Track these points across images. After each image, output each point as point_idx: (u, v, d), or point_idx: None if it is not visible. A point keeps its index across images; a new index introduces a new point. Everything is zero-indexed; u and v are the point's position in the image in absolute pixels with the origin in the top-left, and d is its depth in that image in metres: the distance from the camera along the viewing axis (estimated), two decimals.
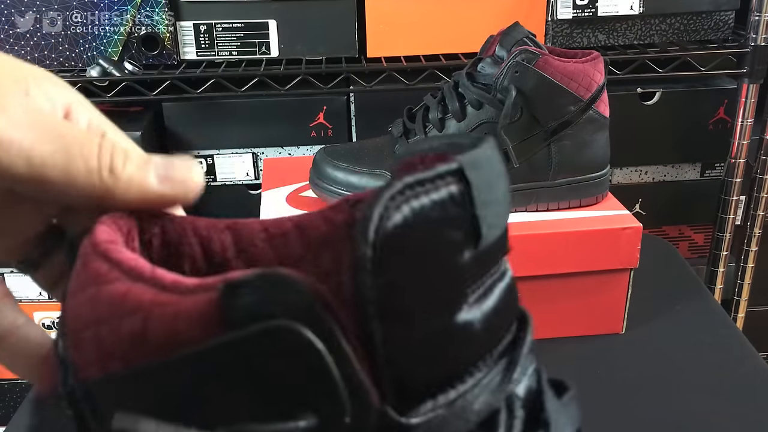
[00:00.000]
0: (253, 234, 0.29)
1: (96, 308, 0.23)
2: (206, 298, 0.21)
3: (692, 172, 1.15)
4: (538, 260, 0.71)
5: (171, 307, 0.22)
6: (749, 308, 1.17)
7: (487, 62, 0.73)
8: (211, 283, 0.22)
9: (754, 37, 1.01)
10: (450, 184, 0.22)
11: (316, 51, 1.03)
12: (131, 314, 0.22)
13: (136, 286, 0.23)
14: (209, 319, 0.21)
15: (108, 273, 0.23)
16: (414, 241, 0.21)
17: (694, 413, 0.64)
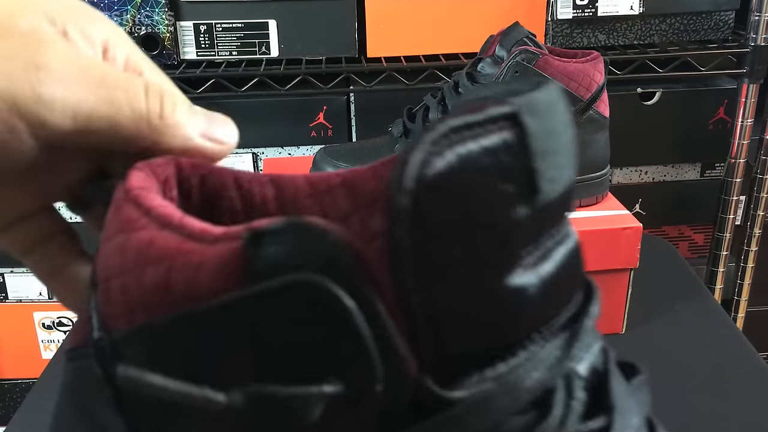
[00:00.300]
0: (296, 188, 0.27)
1: (124, 256, 0.22)
2: (229, 248, 0.20)
3: (692, 172, 1.15)
4: None
5: (195, 256, 0.20)
6: (749, 308, 1.17)
7: (487, 62, 0.73)
8: (237, 232, 0.20)
9: (754, 37, 1.01)
10: (503, 130, 0.19)
11: (316, 51, 1.03)
12: (156, 263, 0.21)
13: (162, 233, 0.21)
14: (231, 270, 0.20)
15: (137, 219, 0.22)
16: (458, 191, 0.19)
17: (694, 413, 0.64)
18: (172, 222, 0.22)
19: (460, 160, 0.18)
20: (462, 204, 0.19)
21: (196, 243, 0.21)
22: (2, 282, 1.08)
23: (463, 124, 0.19)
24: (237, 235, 0.20)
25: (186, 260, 0.21)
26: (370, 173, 0.25)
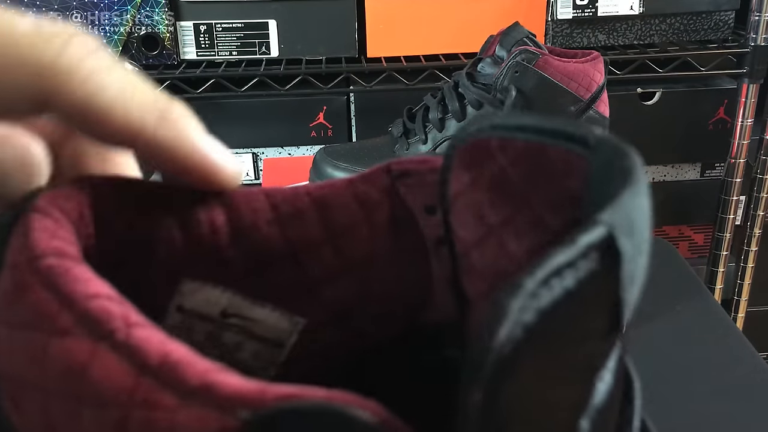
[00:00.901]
0: (255, 212, 0.22)
1: (43, 369, 0.15)
2: (218, 422, 0.14)
3: (692, 172, 1.15)
4: None
5: (161, 414, 0.14)
6: (749, 308, 1.17)
7: (487, 62, 0.73)
8: (227, 395, 0.14)
9: (754, 37, 1.01)
10: (590, 261, 0.14)
11: (316, 51, 1.03)
12: (99, 406, 0.15)
13: (104, 356, 0.15)
14: None
15: (57, 316, 0.15)
16: (537, 362, 0.14)
17: (694, 413, 0.64)
18: (114, 333, 0.15)
19: (543, 314, 0.14)
20: (544, 367, 0.15)
21: (160, 388, 0.15)
22: None
23: (558, 267, 0.14)
24: (226, 401, 0.14)
25: (149, 418, 0.14)
26: (349, 194, 0.22)
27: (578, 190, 0.17)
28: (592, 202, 0.16)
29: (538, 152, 0.18)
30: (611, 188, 0.15)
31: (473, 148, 0.20)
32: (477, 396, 0.13)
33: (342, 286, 0.23)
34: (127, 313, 0.15)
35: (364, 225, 0.22)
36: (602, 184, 0.16)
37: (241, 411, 0.14)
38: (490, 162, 0.19)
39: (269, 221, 0.22)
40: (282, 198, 0.22)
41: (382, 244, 0.22)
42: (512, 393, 0.14)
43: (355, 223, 0.22)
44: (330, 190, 0.22)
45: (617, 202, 0.15)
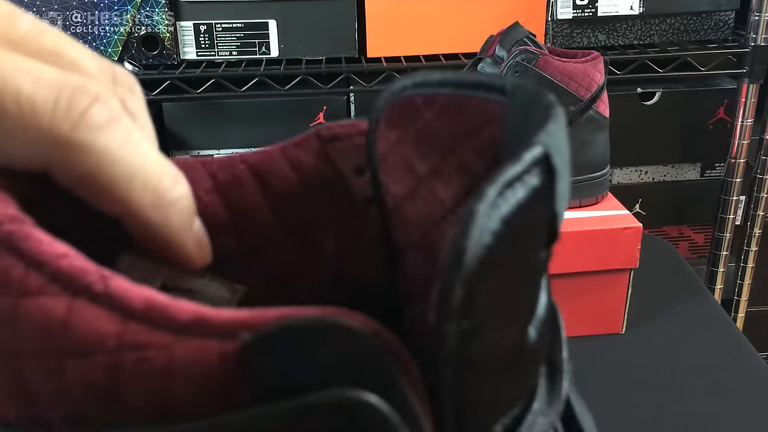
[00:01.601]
0: (194, 182, 0.21)
1: (14, 332, 0.15)
2: (217, 349, 0.14)
3: (692, 172, 1.15)
4: None
5: (156, 352, 0.15)
6: (749, 308, 1.17)
7: (487, 62, 0.73)
8: (223, 322, 0.15)
9: (754, 37, 1.01)
10: (533, 176, 0.16)
11: (316, 51, 1.03)
12: (83, 354, 0.15)
13: (82, 306, 0.15)
14: (224, 382, 0.14)
15: (25, 278, 0.15)
16: (502, 266, 0.16)
17: (694, 413, 0.64)
18: (92, 288, 0.15)
19: (502, 228, 0.15)
20: (505, 278, 0.16)
21: (150, 329, 0.15)
22: None
23: (510, 179, 0.15)
24: (223, 328, 0.15)
25: (141, 357, 0.15)
26: (284, 161, 0.22)
27: (497, 135, 0.19)
28: (511, 143, 0.18)
29: (460, 104, 0.20)
30: (534, 121, 0.17)
31: (398, 107, 0.21)
32: (459, 293, 0.14)
33: (282, 251, 0.23)
34: (100, 268, 0.16)
35: (300, 190, 0.23)
36: (520, 125, 0.18)
37: (242, 333, 0.14)
38: (416, 118, 0.20)
39: (208, 190, 0.22)
40: (219, 166, 0.22)
41: (318, 208, 0.23)
42: (486, 293, 0.15)
43: (291, 188, 0.22)
44: (265, 157, 0.22)
45: (547, 128, 0.16)
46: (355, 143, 0.23)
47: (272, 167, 0.22)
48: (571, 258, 0.71)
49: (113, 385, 0.15)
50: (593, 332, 0.75)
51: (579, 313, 0.74)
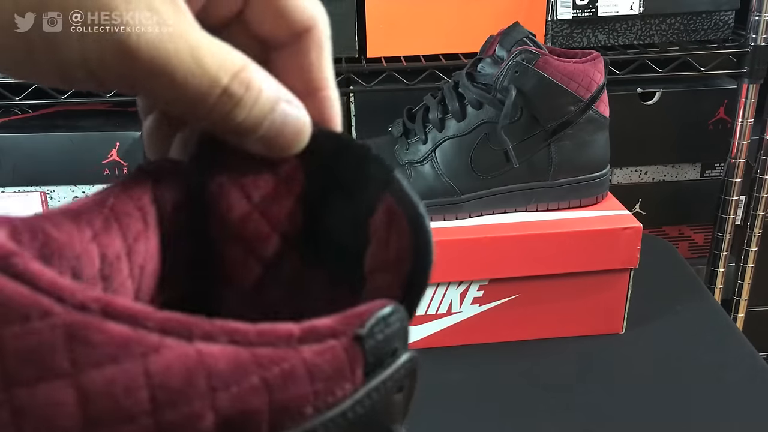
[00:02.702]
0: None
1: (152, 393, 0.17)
2: (340, 347, 0.19)
3: (692, 172, 1.15)
4: (538, 260, 0.71)
5: (286, 363, 0.18)
6: (749, 308, 1.17)
7: (487, 62, 0.73)
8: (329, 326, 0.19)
9: (754, 37, 1.01)
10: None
11: None
12: (230, 385, 0.17)
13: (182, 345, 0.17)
14: (346, 371, 0.19)
15: (143, 339, 0.17)
16: None
17: (694, 413, 0.64)
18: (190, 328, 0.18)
19: None
20: None
21: (271, 349, 0.18)
22: None
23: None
24: (332, 330, 0.19)
25: (283, 370, 0.18)
26: (126, 198, 0.23)
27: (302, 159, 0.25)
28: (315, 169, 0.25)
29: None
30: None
31: (226, 147, 0.25)
32: None
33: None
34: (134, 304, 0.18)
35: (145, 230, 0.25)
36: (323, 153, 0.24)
37: (354, 329, 0.19)
38: (242, 154, 0.25)
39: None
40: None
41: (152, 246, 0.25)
42: None
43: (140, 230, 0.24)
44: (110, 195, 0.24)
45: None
46: (177, 179, 0.25)
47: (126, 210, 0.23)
48: (571, 258, 0.71)
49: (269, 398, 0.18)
50: (593, 332, 0.75)
51: (579, 313, 0.74)
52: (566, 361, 0.71)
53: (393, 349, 0.20)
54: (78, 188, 1.02)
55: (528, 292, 0.73)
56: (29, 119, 1.04)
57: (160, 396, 0.17)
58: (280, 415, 0.18)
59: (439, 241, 0.70)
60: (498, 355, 0.72)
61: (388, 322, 0.20)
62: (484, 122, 0.72)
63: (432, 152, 0.73)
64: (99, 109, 1.07)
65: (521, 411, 0.65)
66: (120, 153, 0.99)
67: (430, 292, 0.72)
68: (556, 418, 0.64)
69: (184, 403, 0.17)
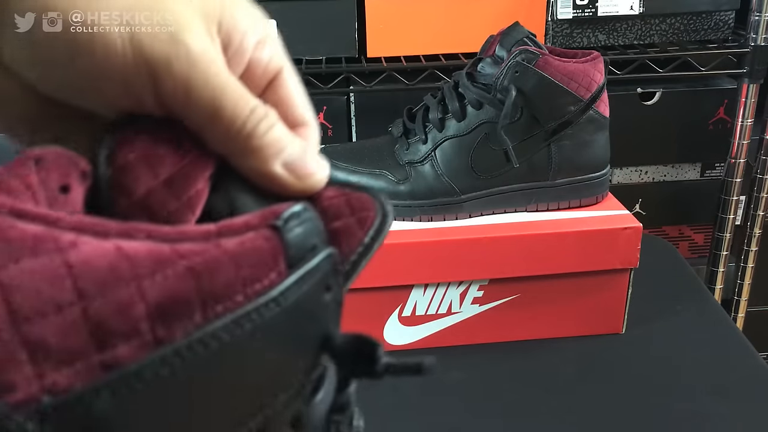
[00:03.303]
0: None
1: (73, 281, 0.17)
2: (261, 238, 0.20)
3: (692, 172, 1.15)
4: (538, 260, 0.71)
5: (212, 254, 0.19)
6: (749, 308, 1.17)
7: (487, 62, 0.73)
8: (249, 223, 0.20)
9: (754, 37, 1.01)
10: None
11: (316, 51, 1.03)
12: (155, 271, 0.18)
13: (118, 243, 0.18)
14: (270, 259, 0.20)
15: (49, 237, 0.18)
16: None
17: (694, 413, 0.64)
18: (106, 228, 0.19)
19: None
20: None
21: (190, 243, 0.19)
22: None
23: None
24: (252, 224, 0.20)
25: (206, 259, 0.19)
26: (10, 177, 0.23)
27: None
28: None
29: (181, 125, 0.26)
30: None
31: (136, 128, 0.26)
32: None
33: None
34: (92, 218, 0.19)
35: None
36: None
37: (272, 220, 0.21)
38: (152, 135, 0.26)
39: None
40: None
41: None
42: None
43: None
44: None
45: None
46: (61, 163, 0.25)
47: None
48: (571, 258, 0.71)
49: (196, 283, 0.19)
50: (593, 332, 0.75)
51: (579, 313, 0.74)
52: (566, 361, 0.71)
53: (312, 245, 0.21)
54: None
55: (528, 292, 0.73)
56: None
57: (84, 285, 0.17)
58: (211, 301, 0.19)
59: (439, 241, 0.70)
60: (498, 355, 0.72)
61: (302, 217, 0.21)
62: (484, 122, 0.72)
63: (432, 152, 0.73)
64: None
65: (521, 411, 0.65)
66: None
67: (431, 292, 0.72)
68: (556, 419, 0.64)
69: (110, 291, 0.17)
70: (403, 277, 0.71)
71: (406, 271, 0.70)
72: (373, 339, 0.24)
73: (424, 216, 0.73)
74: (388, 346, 0.73)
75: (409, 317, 0.72)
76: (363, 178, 0.74)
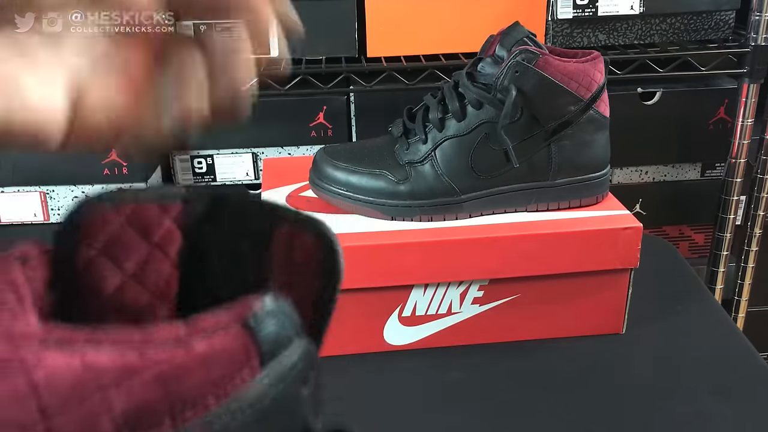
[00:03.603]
0: None
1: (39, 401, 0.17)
2: (231, 337, 0.19)
3: (692, 172, 1.15)
4: (538, 260, 0.71)
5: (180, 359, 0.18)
6: (749, 308, 1.17)
7: (487, 62, 0.73)
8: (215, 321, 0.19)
9: (754, 37, 1.01)
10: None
11: (316, 51, 1.03)
12: (121, 382, 0.18)
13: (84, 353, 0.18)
14: (242, 359, 0.19)
15: (24, 356, 0.18)
16: None
17: (694, 413, 0.64)
18: (73, 338, 0.18)
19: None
20: None
21: (159, 349, 0.18)
22: None
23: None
24: (221, 323, 0.19)
25: (175, 365, 0.18)
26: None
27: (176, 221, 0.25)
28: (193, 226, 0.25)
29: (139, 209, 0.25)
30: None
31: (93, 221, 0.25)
32: None
33: None
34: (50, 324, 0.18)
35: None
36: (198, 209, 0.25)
37: (244, 319, 0.19)
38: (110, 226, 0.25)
39: None
40: None
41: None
42: None
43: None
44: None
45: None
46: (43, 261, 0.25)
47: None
48: (571, 258, 0.71)
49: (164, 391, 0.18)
50: (593, 332, 0.75)
51: (579, 313, 0.74)
52: (566, 361, 0.71)
53: (286, 337, 0.20)
54: (78, 188, 1.02)
55: (528, 292, 0.73)
56: None
57: (49, 402, 0.17)
58: (181, 407, 0.18)
59: (439, 242, 0.70)
60: (498, 356, 0.72)
61: (274, 310, 0.20)
62: (484, 122, 0.72)
63: (432, 152, 0.73)
64: None
65: (521, 411, 0.65)
66: (119, 153, 0.99)
67: (431, 292, 0.72)
68: (556, 419, 0.64)
69: (75, 406, 0.17)
70: (403, 277, 0.71)
71: (406, 271, 0.70)
72: (352, 429, 0.23)
73: (424, 216, 0.73)
74: (388, 347, 0.73)
75: (409, 317, 0.72)
76: (363, 178, 0.74)
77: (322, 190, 0.76)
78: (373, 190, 0.73)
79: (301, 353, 0.21)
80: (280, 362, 0.20)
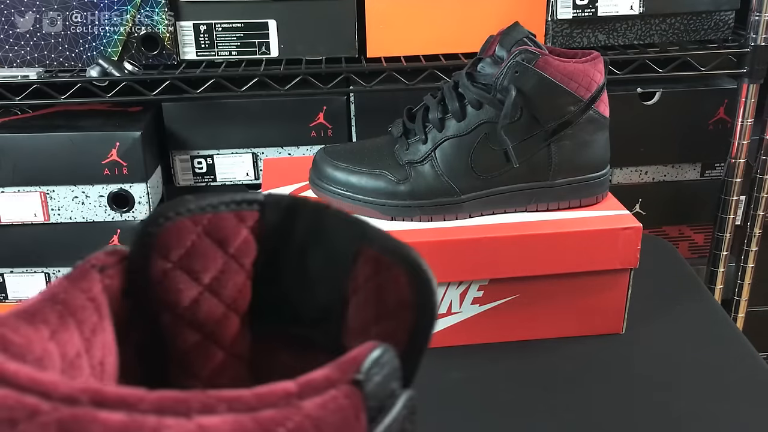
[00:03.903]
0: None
1: None
2: (342, 395, 0.19)
3: (692, 172, 1.15)
4: (538, 260, 0.71)
5: (297, 418, 0.18)
6: (749, 308, 1.17)
7: (487, 62, 0.73)
8: (323, 377, 0.19)
9: (754, 37, 1.01)
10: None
11: (316, 51, 1.03)
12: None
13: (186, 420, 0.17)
14: (351, 416, 0.19)
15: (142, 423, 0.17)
16: None
17: (694, 413, 0.64)
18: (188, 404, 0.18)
19: None
20: None
21: (271, 410, 0.18)
22: (2, 282, 1.08)
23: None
24: (333, 380, 0.19)
25: (289, 429, 0.18)
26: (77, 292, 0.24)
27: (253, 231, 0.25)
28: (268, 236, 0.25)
29: (217, 218, 0.25)
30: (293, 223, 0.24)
31: (169, 232, 0.25)
32: None
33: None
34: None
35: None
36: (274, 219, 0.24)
37: (351, 376, 0.19)
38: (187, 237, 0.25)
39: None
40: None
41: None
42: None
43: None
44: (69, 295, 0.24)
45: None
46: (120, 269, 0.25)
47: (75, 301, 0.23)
48: (571, 258, 0.71)
49: None
50: (593, 332, 0.75)
51: (579, 313, 0.74)
52: (566, 361, 0.71)
53: (391, 390, 0.20)
54: (78, 188, 1.02)
55: (528, 292, 0.73)
56: (29, 119, 1.04)
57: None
58: None
59: (439, 241, 0.70)
60: (498, 355, 0.72)
61: (381, 363, 0.20)
62: (484, 122, 0.72)
63: (432, 152, 0.73)
64: (99, 109, 1.07)
65: (521, 411, 0.65)
66: (120, 153, 0.99)
67: None
68: (555, 419, 0.64)
69: None
70: None
71: None
72: None
73: (424, 216, 0.73)
74: None
75: None
76: (363, 178, 0.74)
77: (322, 190, 0.76)
78: (373, 190, 0.73)
79: (405, 405, 0.21)
80: (386, 418, 0.20)
